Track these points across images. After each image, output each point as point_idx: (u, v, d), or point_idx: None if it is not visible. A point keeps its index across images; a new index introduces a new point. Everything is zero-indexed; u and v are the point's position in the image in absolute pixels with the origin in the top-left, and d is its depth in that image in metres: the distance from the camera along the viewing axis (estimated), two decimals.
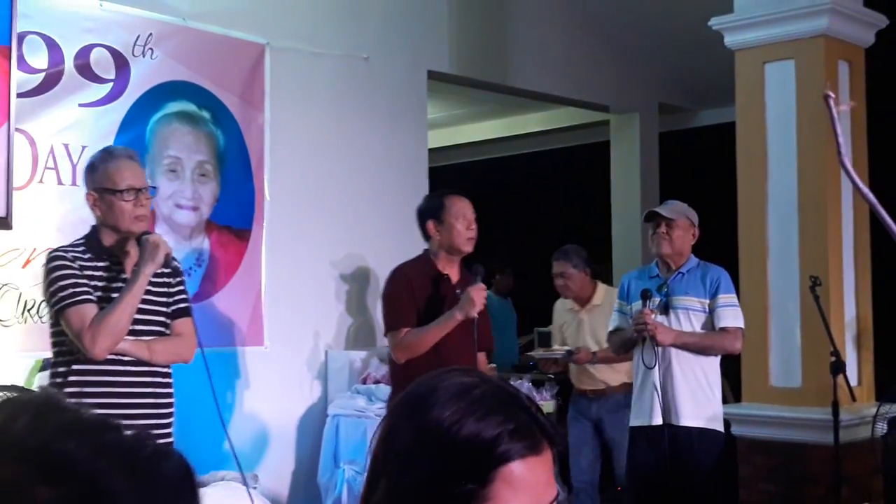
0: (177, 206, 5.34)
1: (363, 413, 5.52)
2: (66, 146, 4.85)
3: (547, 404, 6.05)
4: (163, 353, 3.40)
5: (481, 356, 4.34)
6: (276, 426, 5.72)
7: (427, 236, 4.31)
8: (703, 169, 8.36)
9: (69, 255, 3.29)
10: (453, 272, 4.26)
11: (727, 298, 4.47)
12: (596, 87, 8.07)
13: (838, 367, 4.72)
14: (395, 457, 1.17)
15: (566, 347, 5.58)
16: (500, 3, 7.38)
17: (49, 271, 3.26)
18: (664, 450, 4.41)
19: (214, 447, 4.79)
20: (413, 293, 4.18)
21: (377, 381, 5.70)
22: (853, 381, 5.15)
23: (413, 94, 6.68)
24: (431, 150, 7.08)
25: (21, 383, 4.23)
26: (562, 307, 5.81)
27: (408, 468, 1.15)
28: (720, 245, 6.03)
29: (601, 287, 5.68)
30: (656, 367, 4.39)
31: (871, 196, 1.01)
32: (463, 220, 4.22)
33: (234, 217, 5.57)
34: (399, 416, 1.20)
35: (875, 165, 5.60)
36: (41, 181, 4.77)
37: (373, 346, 6.17)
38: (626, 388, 5.43)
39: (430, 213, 4.29)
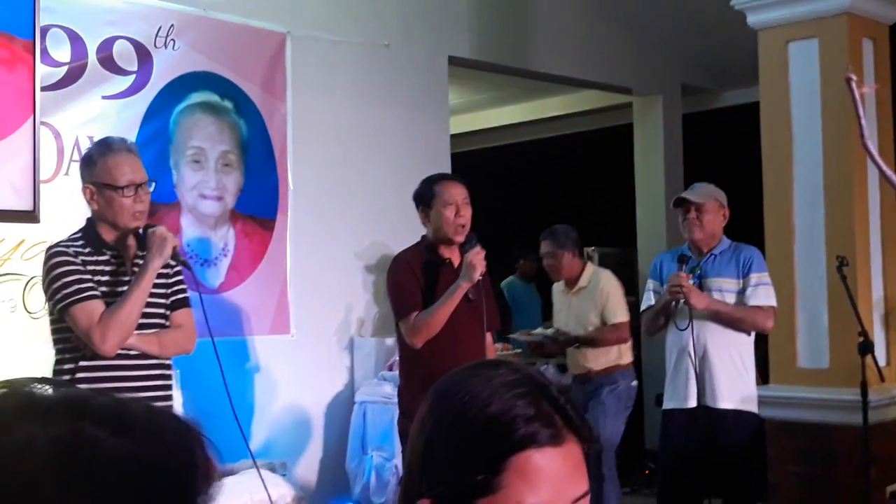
0: (201, 196, 5.36)
1: (390, 399, 5.53)
2: (90, 139, 4.88)
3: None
4: (170, 346, 3.36)
5: (488, 336, 4.29)
6: (303, 414, 5.75)
7: (423, 223, 4.25)
8: (727, 150, 8.30)
9: (71, 250, 3.21)
10: (454, 256, 4.19)
11: (759, 277, 4.46)
12: (618, 69, 8.03)
13: (866, 347, 4.69)
14: (423, 446, 1.17)
15: (548, 331, 5.57)
16: None
17: (51, 268, 3.18)
18: (700, 432, 4.40)
19: (242, 435, 4.82)
20: (416, 277, 4.12)
21: None
22: (882, 362, 5.11)
23: (434, 81, 6.67)
24: (453, 136, 7.07)
25: (49, 374, 4.27)
26: (557, 289, 5.77)
27: (431, 456, 1.15)
28: (746, 227, 6.00)
29: (589, 268, 5.62)
30: (692, 350, 4.37)
31: (895, 178, 1.00)
32: (452, 207, 4.09)
33: (258, 206, 5.59)
34: (428, 406, 1.19)
35: None
36: (67, 174, 4.80)
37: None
38: (609, 371, 5.45)
39: (419, 200, 4.21)
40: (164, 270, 3.36)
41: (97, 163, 3.24)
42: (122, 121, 5.02)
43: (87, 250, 3.24)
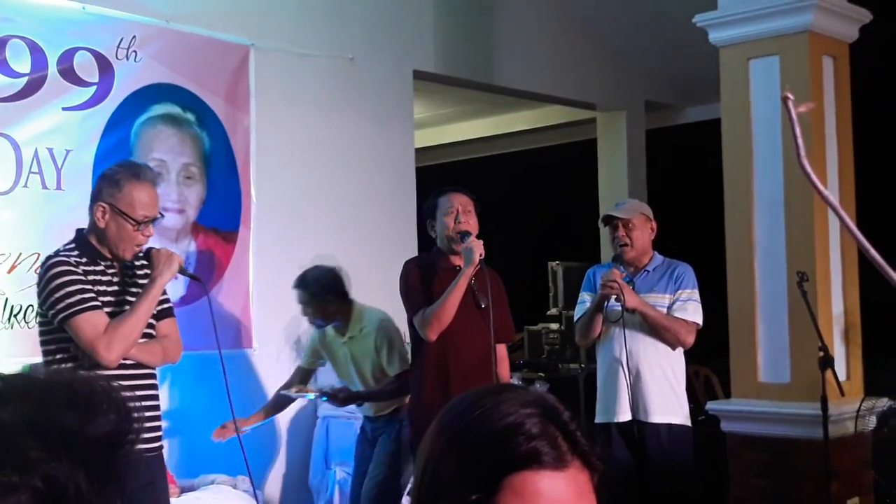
0: (162, 208, 5.31)
1: (353, 415, 5.50)
2: (50, 150, 4.84)
3: None
4: (168, 355, 3.42)
5: (501, 349, 4.37)
6: (265, 429, 5.69)
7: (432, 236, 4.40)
8: (690, 166, 8.37)
9: (71, 259, 3.24)
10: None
11: (690, 293, 4.52)
12: (582, 84, 8.07)
13: (826, 362, 4.73)
14: (427, 461, 1.14)
15: (325, 388, 4.92)
16: (485, 1, 7.37)
17: (53, 277, 3.19)
18: (635, 446, 4.43)
19: (204, 450, 4.78)
20: (425, 276, 4.23)
21: None
22: (842, 376, 5.16)
23: (399, 94, 6.67)
24: (418, 150, 7.07)
25: None
26: (329, 334, 4.95)
27: (434, 472, 1.13)
28: (708, 242, 6.04)
29: (356, 313, 4.83)
30: (624, 364, 4.40)
31: (831, 198, 1.00)
32: (451, 214, 4.23)
33: (220, 219, 5.55)
34: (436, 423, 1.17)
35: (860, 159, 5.61)
36: (26, 185, 4.74)
37: None
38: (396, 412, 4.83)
39: (426, 212, 4.38)
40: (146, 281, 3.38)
41: (122, 188, 3.25)
42: (83, 133, 4.97)
43: (83, 260, 3.26)
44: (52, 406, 0.82)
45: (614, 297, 4.40)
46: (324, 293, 4.80)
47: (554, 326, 7.85)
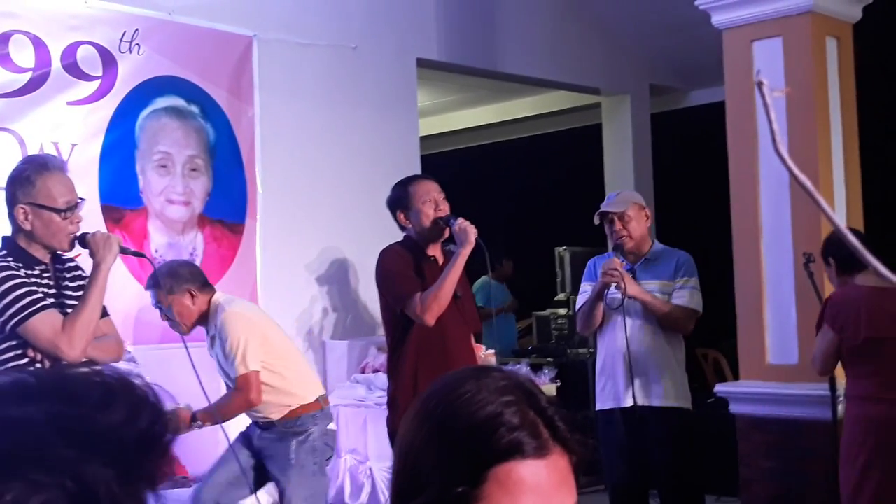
0: (168, 201, 5.33)
1: (363, 402, 5.53)
2: (55, 145, 4.86)
3: (547, 388, 6.06)
4: (117, 354, 3.36)
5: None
6: None
7: (402, 227, 4.23)
8: (695, 149, 8.35)
9: (11, 263, 3.12)
10: (438, 255, 4.21)
11: (689, 281, 4.55)
12: (586, 69, 8.06)
13: None
14: (409, 452, 1.15)
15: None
16: None
17: None
18: (638, 430, 4.44)
19: (218, 442, 4.79)
20: (409, 263, 4.11)
21: (376, 370, 5.71)
22: None
23: (402, 83, 6.67)
24: (423, 138, 7.08)
25: None
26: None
27: (416, 462, 1.13)
28: (714, 224, 6.04)
29: (213, 311, 4.11)
30: (625, 350, 4.42)
31: (808, 183, 1.01)
32: (430, 203, 4.12)
33: (226, 211, 5.57)
34: (416, 411, 1.17)
35: (864, 141, 5.60)
36: None
37: (371, 335, 6.17)
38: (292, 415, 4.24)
39: (396, 204, 4.21)
40: (83, 283, 3.27)
41: (36, 183, 3.13)
42: (87, 126, 4.99)
43: (20, 265, 3.15)
44: (84, 404, 0.81)
45: (614, 285, 4.43)
46: (179, 287, 4.03)
47: (562, 312, 7.86)
